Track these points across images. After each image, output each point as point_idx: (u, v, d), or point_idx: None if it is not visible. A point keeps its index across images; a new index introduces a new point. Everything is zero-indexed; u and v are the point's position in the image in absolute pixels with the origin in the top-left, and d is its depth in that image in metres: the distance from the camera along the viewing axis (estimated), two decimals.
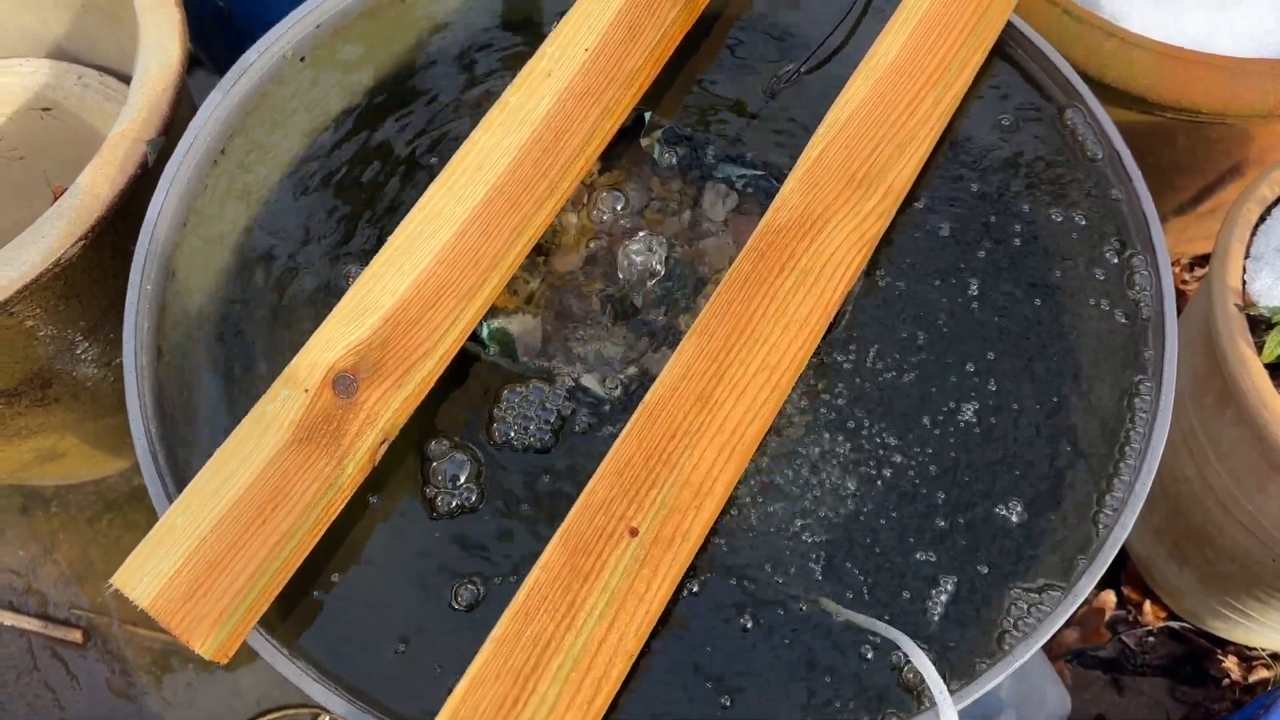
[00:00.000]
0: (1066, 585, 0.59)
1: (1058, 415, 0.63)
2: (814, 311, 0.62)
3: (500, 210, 0.65)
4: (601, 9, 0.71)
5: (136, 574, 0.55)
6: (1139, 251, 0.68)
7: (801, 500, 0.61)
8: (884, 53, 0.69)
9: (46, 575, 1.10)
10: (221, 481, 0.57)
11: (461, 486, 0.62)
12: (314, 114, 0.74)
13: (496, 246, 0.64)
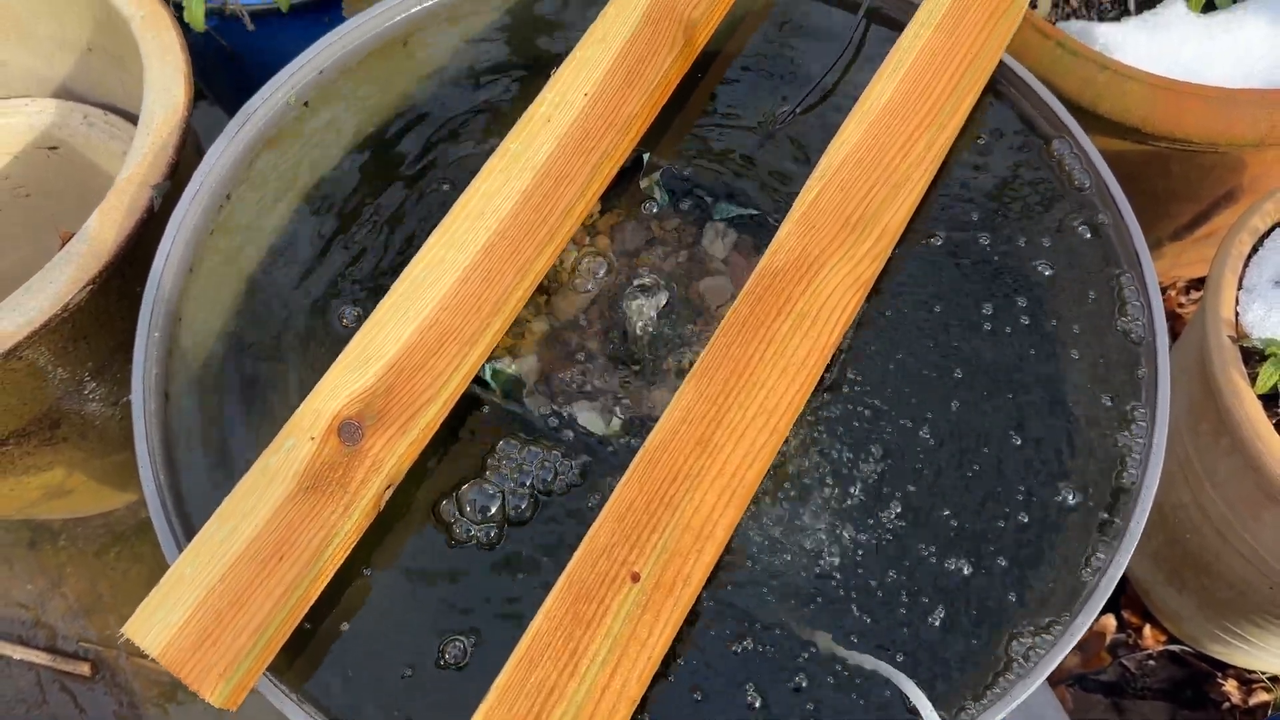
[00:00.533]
0: (1063, 623, 0.60)
1: (1049, 449, 0.64)
2: (811, 354, 0.63)
3: (502, 256, 0.66)
4: (599, 55, 0.72)
5: (147, 623, 0.56)
6: (1131, 287, 0.69)
7: (797, 539, 0.62)
8: (877, 95, 0.70)
9: (54, 608, 1.11)
10: (228, 533, 0.58)
11: (482, 523, 0.63)
12: (317, 159, 0.75)
13: (498, 292, 0.65)
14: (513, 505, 0.63)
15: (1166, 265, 1.14)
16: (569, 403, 0.69)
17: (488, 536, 0.63)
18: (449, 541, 0.62)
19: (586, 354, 0.71)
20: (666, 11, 0.73)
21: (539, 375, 0.71)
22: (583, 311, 0.73)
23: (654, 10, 0.73)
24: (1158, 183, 1.01)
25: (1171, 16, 0.98)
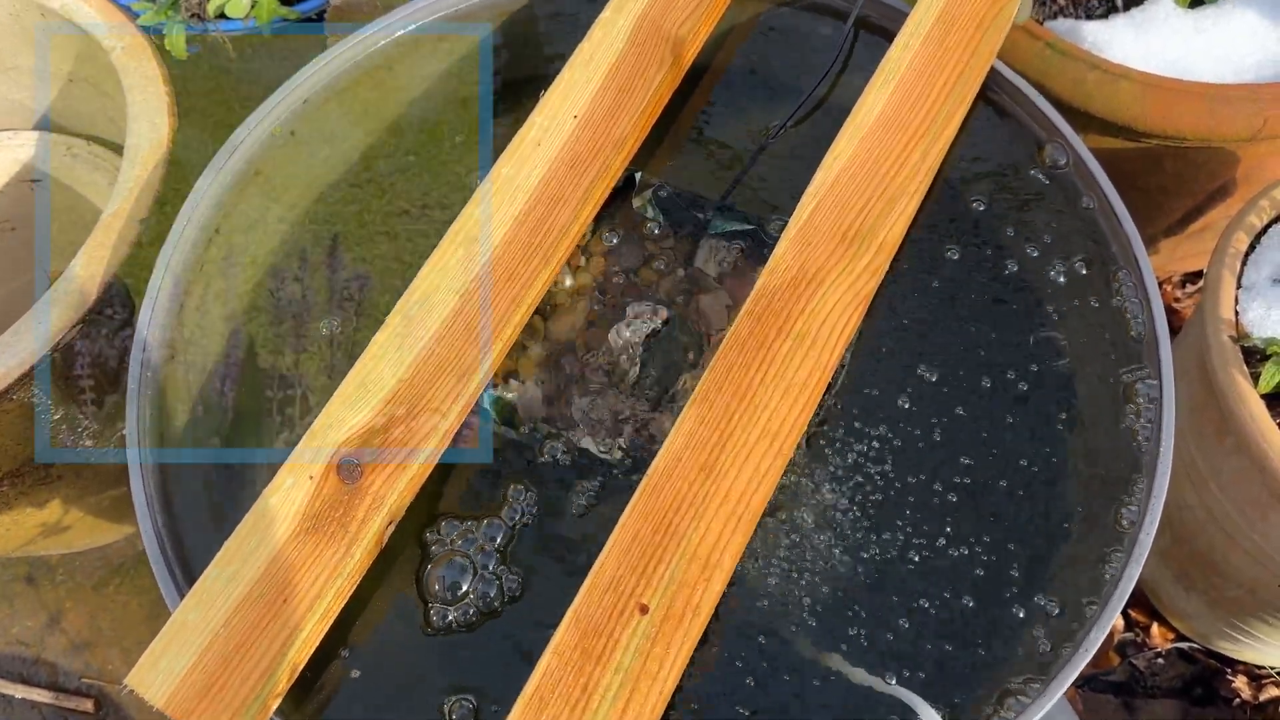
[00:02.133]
0: (1076, 637, 0.59)
1: (1053, 458, 0.64)
2: (812, 374, 0.62)
3: (497, 283, 0.66)
4: (588, 76, 0.71)
5: (151, 672, 0.55)
6: (1129, 283, 0.68)
7: (801, 561, 0.61)
8: (869, 108, 0.70)
9: (55, 645, 1.10)
10: (230, 576, 0.57)
11: (459, 604, 0.62)
12: (303, 186, 0.74)
13: (495, 319, 0.65)
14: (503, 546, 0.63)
15: (1162, 260, 1.14)
16: (569, 429, 0.69)
17: (484, 602, 0.62)
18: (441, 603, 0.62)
19: (585, 378, 0.71)
20: (653, 30, 0.73)
21: (538, 401, 0.70)
22: (580, 334, 0.72)
23: (640, 29, 0.73)
24: (1150, 179, 1.00)
25: (1159, 13, 0.98)
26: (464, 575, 0.61)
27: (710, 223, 0.75)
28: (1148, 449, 0.63)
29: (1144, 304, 0.67)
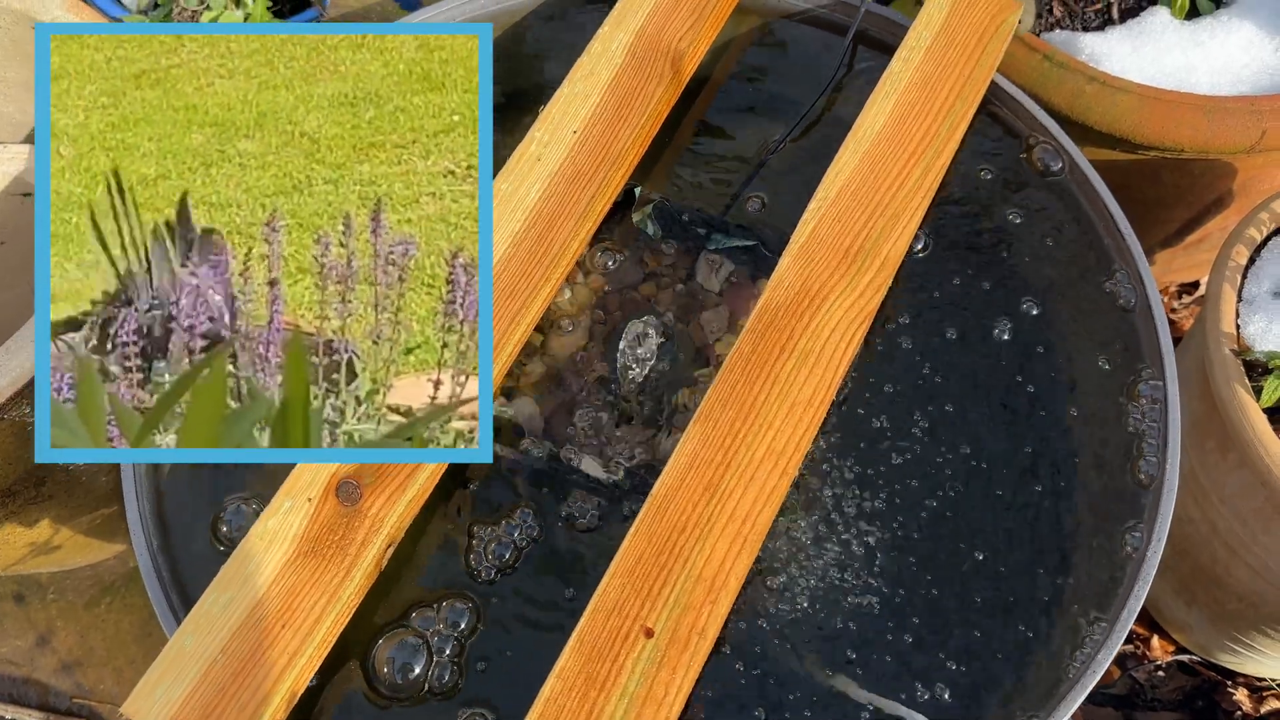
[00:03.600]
0: (1084, 658, 0.59)
1: (1060, 476, 0.63)
2: (817, 392, 0.62)
3: (498, 299, 0.65)
4: (587, 91, 0.70)
5: (147, 700, 0.54)
6: (1145, 366, 0.68)
7: (806, 581, 0.61)
8: (870, 124, 0.69)
9: (45, 664, 1.09)
10: (227, 602, 0.56)
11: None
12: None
13: (496, 335, 0.64)
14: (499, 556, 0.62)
15: (1159, 271, 1.14)
16: (569, 447, 0.68)
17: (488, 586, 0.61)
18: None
19: (586, 396, 0.70)
20: (652, 44, 0.72)
21: (538, 419, 0.70)
22: (580, 351, 0.72)
23: (639, 43, 0.72)
24: (1148, 191, 1.00)
25: (1155, 24, 0.98)
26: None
27: (710, 238, 0.74)
28: (1153, 468, 0.63)
29: (1150, 333, 0.67)
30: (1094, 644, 0.59)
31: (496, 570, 0.62)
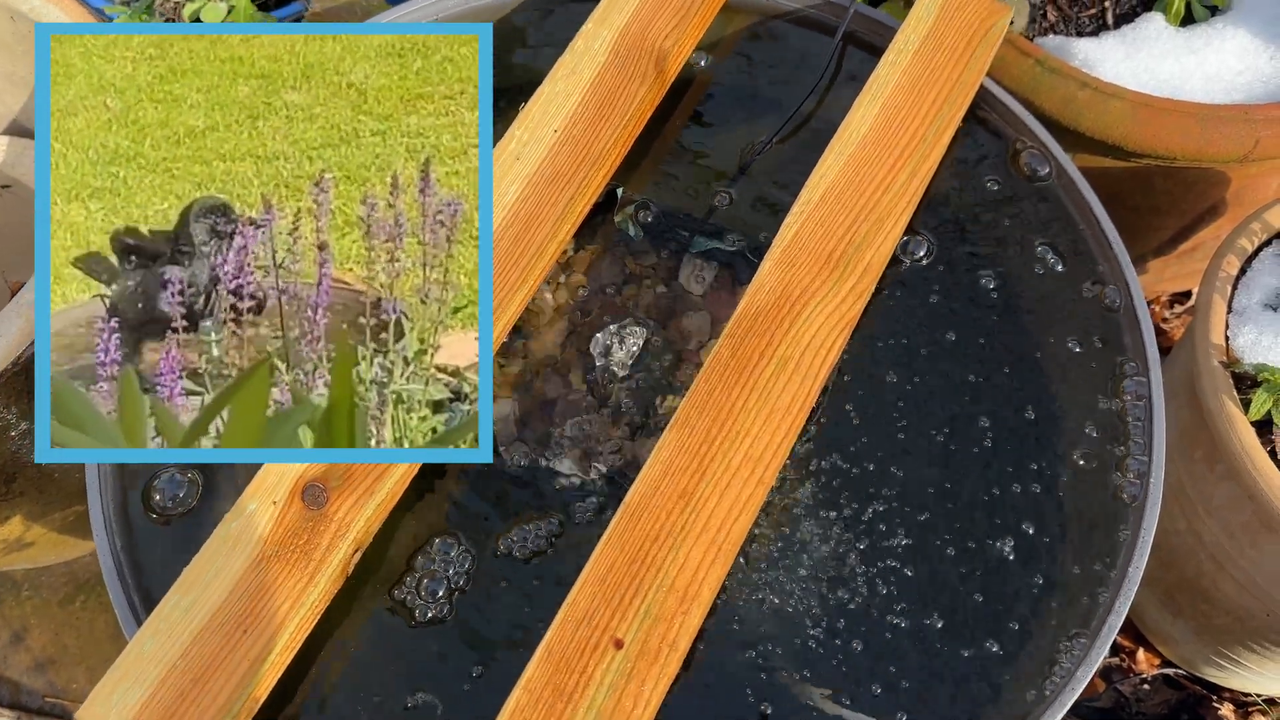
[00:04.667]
0: (1064, 674, 0.58)
1: (1040, 487, 0.62)
2: (795, 399, 0.61)
3: None
4: (569, 90, 0.69)
5: (104, 706, 0.53)
6: (1129, 360, 0.67)
7: (780, 594, 0.60)
8: (856, 127, 0.68)
9: (18, 662, 1.07)
10: (189, 605, 0.55)
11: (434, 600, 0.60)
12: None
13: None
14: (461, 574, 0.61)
15: (1151, 280, 1.13)
16: (546, 450, 0.67)
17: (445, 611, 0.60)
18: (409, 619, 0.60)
19: (563, 398, 0.69)
20: (636, 42, 0.71)
21: (515, 422, 0.68)
22: (559, 353, 0.71)
23: (623, 42, 0.71)
24: (1140, 199, 0.99)
25: (1150, 31, 0.97)
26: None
27: (693, 240, 0.73)
28: (1137, 481, 0.62)
29: (1136, 339, 0.66)
30: (1073, 660, 0.58)
31: (465, 577, 0.61)
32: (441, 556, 0.61)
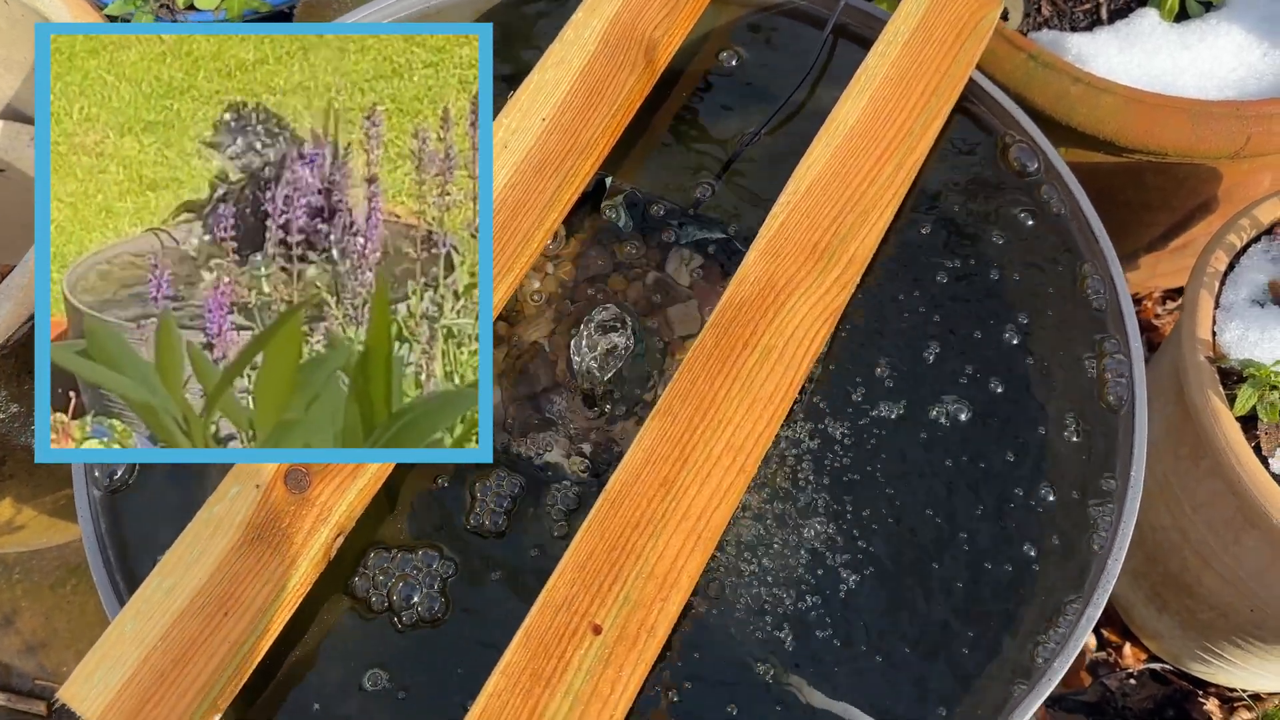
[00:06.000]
0: (1041, 666, 0.58)
1: (1022, 486, 0.63)
2: (778, 389, 0.61)
3: None
4: (558, 78, 0.69)
5: (84, 685, 0.54)
6: (1111, 337, 0.67)
7: (759, 582, 0.60)
8: (844, 118, 0.68)
9: (8, 645, 1.08)
10: (170, 586, 0.55)
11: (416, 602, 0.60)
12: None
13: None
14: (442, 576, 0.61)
15: (1143, 276, 1.13)
16: (529, 437, 0.67)
17: (429, 610, 0.60)
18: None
19: (548, 386, 0.69)
20: (626, 32, 0.71)
21: (499, 408, 0.69)
22: (545, 341, 0.71)
23: (613, 31, 0.71)
24: (1132, 194, 0.99)
25: (1144, 26, 0.97)
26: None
27: (681, 230, 0.73)
28: (1118, 472, 0.62)
29: (1121, 332, 0.66)
30: (1050, 652, 0.58)
31: (452, 564, 0.61)
32: (424, 545, 0.61)
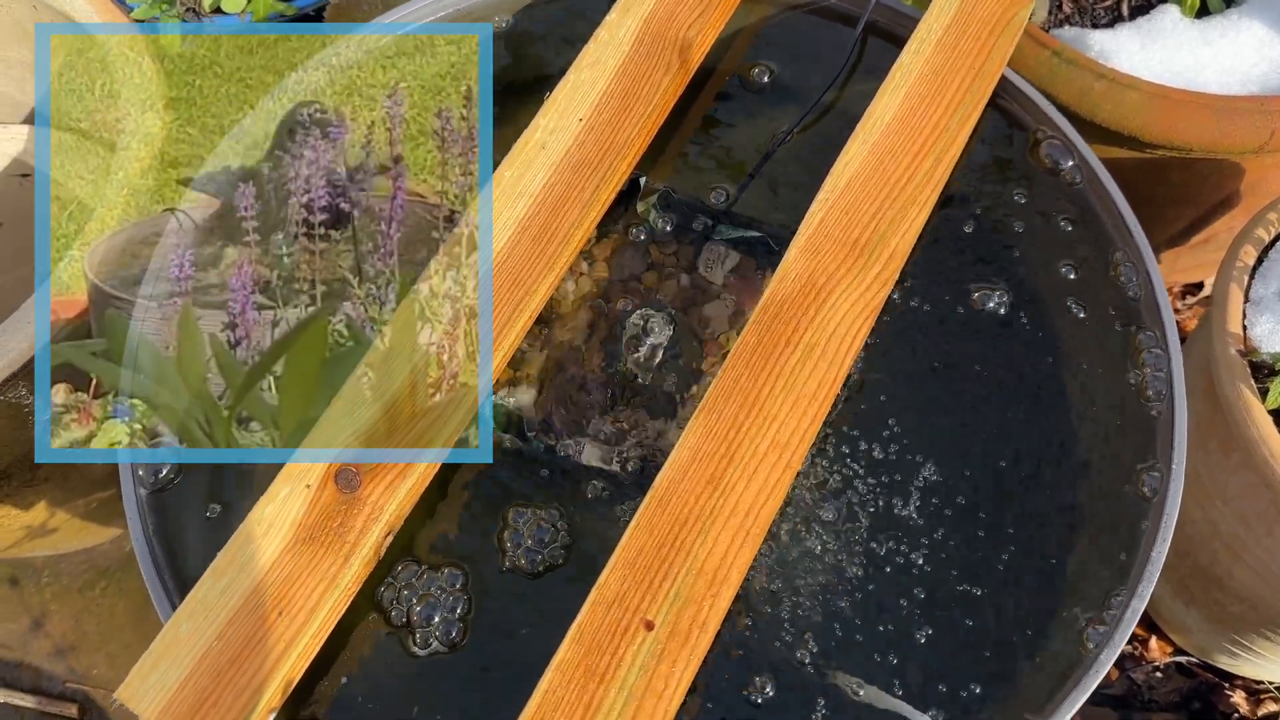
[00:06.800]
0: (1086, 661, 0.58)
1: (1062, 482, 0.63)
2: (822, 386, 0.61)
3: (501, 288, 0.64)
4: (594, 79, 0.70)
5: (142, 686, 0.54)
6: (1147, 328, 0.67)
7: (806, 579, 0.60)
8: (880, 115, 0.69)
9: (39, 648, 1.08)
10: (224, 587, 0.56)
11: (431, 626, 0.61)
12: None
13: (498, 325, 0.63)
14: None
15: (1165, 270, 1.13)
16: (571, 438, 0.67)
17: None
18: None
19: (588, 387, 0.69)
20: (660, 32, 0.72)
21: (539, 409, 0.69)
22: (583, 342, 0.71)
23: (647, 31, 0.72)
24: (1155, 189, 1.00)
25: (1165, 22, 0.97)
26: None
27: (715, 228, 0.73)
28: (1159, 477, 0.63)
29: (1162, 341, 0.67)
30: (1096, 644, 0.58)
31: (508, 567, 0.61)
32: (460, 551, 0.62)
